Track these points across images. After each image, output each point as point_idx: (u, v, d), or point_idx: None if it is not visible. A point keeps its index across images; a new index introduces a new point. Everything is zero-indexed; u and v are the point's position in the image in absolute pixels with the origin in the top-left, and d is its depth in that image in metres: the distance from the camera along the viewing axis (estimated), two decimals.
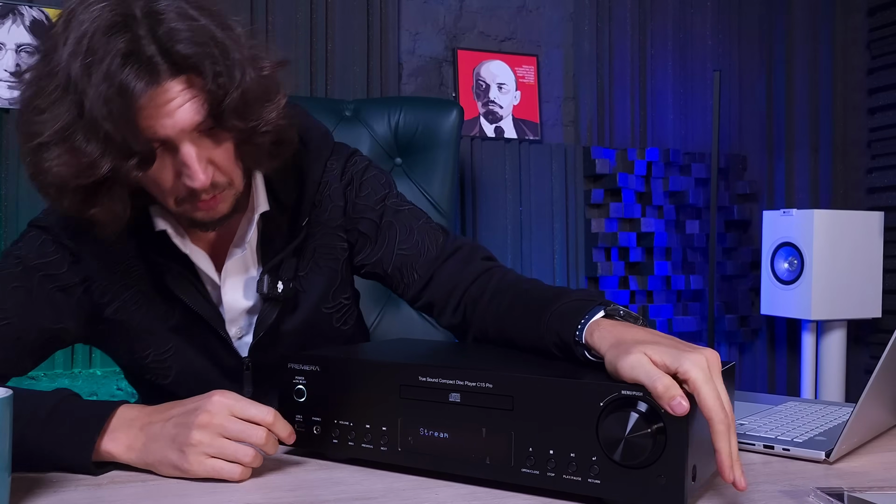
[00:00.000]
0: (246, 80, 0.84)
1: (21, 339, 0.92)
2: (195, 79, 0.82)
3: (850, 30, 2.97)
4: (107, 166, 0.81)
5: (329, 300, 1.07)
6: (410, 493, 0.73)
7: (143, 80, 0.78)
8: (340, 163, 1.06)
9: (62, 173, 0.81)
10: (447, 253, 1.03)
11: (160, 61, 0.79)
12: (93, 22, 0.78)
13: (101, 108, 0.78)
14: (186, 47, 0.79)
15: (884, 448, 0.94)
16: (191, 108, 0.82)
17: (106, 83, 0.77)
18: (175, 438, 0.75)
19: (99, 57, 0.77)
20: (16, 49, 2.03)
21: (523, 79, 2.63)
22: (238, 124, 0.85)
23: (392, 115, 1.93)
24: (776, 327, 2.97)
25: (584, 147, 2.70)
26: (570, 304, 0.83)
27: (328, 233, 1.05)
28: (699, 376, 0.65)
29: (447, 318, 1.03)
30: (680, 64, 2.85)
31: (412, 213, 1.07)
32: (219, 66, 0.81)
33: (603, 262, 2.68)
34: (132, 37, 0.78)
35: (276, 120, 0.89)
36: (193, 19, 0.81)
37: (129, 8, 0.80)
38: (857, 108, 2.98)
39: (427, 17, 2.53)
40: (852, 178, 2.98)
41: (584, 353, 0.78)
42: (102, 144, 0.80)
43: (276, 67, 0.91)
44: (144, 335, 0.99)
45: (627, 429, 0.66)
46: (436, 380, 0.76)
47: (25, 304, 0.92)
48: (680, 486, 0.65)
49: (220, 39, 0.82)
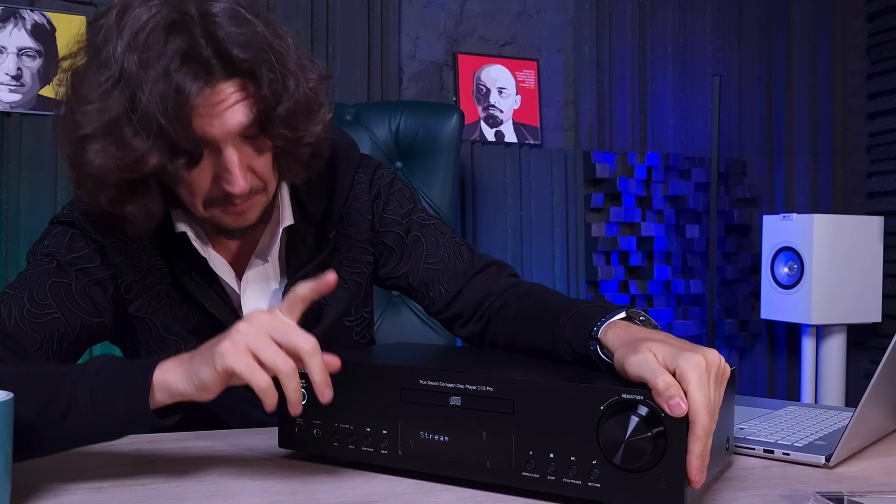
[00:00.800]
0: (298, 91, 0.84)
1: (67, 333, 0.92)
2: (248, 83, 0.82)
3: (850, 35, 2.98)
4: (154, 162, 0.81)
5: (352, 314, 1.07)
6: (411, 497, 0.73)
7: (199, 81, 0.79)
8: (368, 175, 1.06)
9: (107, 165, 0.81)
10: (475, 269, 1.05)
11: (216, 63, 0.79)
12: (151, 18, 0.78)
13: (158, 104, 0.78)
14: (243, 51, 0.80)
15: (884, 452, 0.94)
16: (240, 112, 0.82)
17: (164, 80, 0.77)
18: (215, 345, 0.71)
19: (156, 54, 0.78)
20: (17, 53, 2.04)
21: (524, 83, 2.63)
22: (285, 133, 0.85)
23: (393, 119, 1.93)
24: (776, 332, 2.97)
25: (584, 151, 2.71)
26: (591, 308, 0.84)
27: (355, 246, 1.05)
28: (693, 379, 0.65)
29: (469, 328, 1.04)
30: (680, 68, 2.86)
31: (437, 228, 1.08)
32: (273, 74, 0.82)
33: (603, 267, 2.68)
34: (190, 36, 0.79)
35: (320, 133, 0.90)
36: (249, 23, 0.82)
37: (186, 7, 0.80)
38: (856, 112, 2.99)
39: (428, 21, 2.54)
40: (852, 182, 2.99)
41: (597, 350, 0.79)
42: (153, 140, 0.80)
43: (321, 80, 0.91)
44: (166, 334, 0.99)
45: (628, 432, 0.66)
46: (436, 383, 0.76)
47: (68, 299, 0.92)
48: (680, 490, 0.65)
49: (276, 47, 0.83)
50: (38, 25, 2.05)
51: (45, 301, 0.90)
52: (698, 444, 0.65)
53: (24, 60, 2.04)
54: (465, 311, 1.04)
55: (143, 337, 0.99)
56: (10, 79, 2.02)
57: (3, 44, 2.02)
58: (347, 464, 0.82)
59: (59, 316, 0.90)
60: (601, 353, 0.79)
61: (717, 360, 0.69)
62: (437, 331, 1.82)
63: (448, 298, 1.04)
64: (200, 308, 0.97)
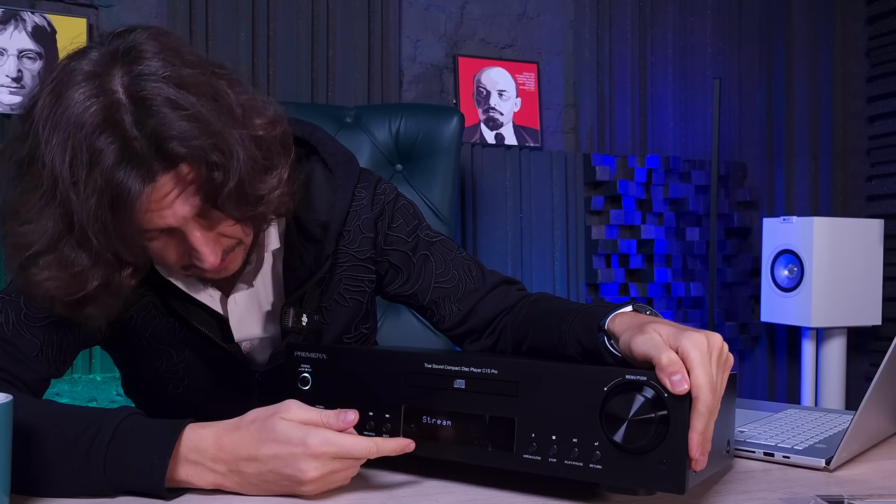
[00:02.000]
0: (241, 167, 0.77)
1: (67, 336, 0.90)
2: (190, 169, 0.76)
3: (850, 38, 2.98)
4: (97, 281, 0.78)
5: (351, 332, 1.05)
6: (411, 500, 0.73)
7: (137, 182, 0.73)
8: (370, 191, 1.03)
9: (50, 288, 0.77)
10: (488, 287, 1.04)
11: (152, 158, 0.74)
12: (76, 120, 0.73)
13: (93, 223, 0.74)
14: (178, 145, 0.74)
15: (884, 456, 0.93)
16: (187, 198, 0.78)
17: (96, 196, 0.73)
18: (285, 489, 0.73)
19: (86, 165, 0.73)
20: (17, 55, 2.04)
21: (524, 86, 2.63)
22: (235, 214, 0.81)
23: (393, 121, 1.93)
24: (776, 334, 2.97)
25: (584, 154, 2.71)
26: (599, 306, 0.85)
27: (356, 265, 1.03)
28: (696, 356, 0.67)
29: (480, 343, 1.04)
30: (680, 71, 2.86)
31: (444, 245, 1.06)
32: (212, 158, 0.76)
33: (603, 269, 2.68)
34: (120, 136, 0.73)
35: (279, 197, 0.84)
36: (181, 107, 0.75)
37: (112, 96, 0.74)
38: (856, 115, 2.99)
39: (428, 24, 2.54)
40: (852, 185, 2.98)
41: (605, 341, 0.80)
42: (94, 258, 0.76)
43: (271, 127, 0.84)
44: (157, 345, 0.97)
45: (632, 411, 0.66)
46: (441, 366, 0.77)
47: None
48: (682, 472, 0.65)
49: (213, 127, 0.76)
50: (39, 27, 2.05)
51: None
52: (700, 420, 0.65)
53: (25, 62, 2.04)
54: (478, 328, 1.04)
55: (137, 346, 0.98)
56: (10, 81, 2.02)
57: (4, 46, 2.02)
58: None
59: (58, 319, 0.89)
60: (608, 343, 0.80)
61: (719, 342, 0.71)
62: (438, 334, 1.82)
63: (460, 316, 1.04)
64: (187, 322, 0.95)
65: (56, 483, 0.73)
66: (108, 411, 0.76)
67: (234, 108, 0.80)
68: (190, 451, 0.73)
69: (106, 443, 0.72)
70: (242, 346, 1.00)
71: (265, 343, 1.02)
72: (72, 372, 2.00)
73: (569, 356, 0.86)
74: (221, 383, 1.01)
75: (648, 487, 0.68)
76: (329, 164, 1.00)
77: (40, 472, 0.72)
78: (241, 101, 0.82)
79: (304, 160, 1.00)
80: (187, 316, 0.94)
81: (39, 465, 0.72)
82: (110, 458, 0.72)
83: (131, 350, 0.99)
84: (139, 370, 1.02)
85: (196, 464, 0.73)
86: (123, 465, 0.72)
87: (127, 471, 0.71)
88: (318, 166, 1.00)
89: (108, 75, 0.75)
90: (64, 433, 0.73)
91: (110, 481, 0.72)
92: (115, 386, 1.98)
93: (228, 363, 0.99)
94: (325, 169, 1.00)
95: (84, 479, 0.72)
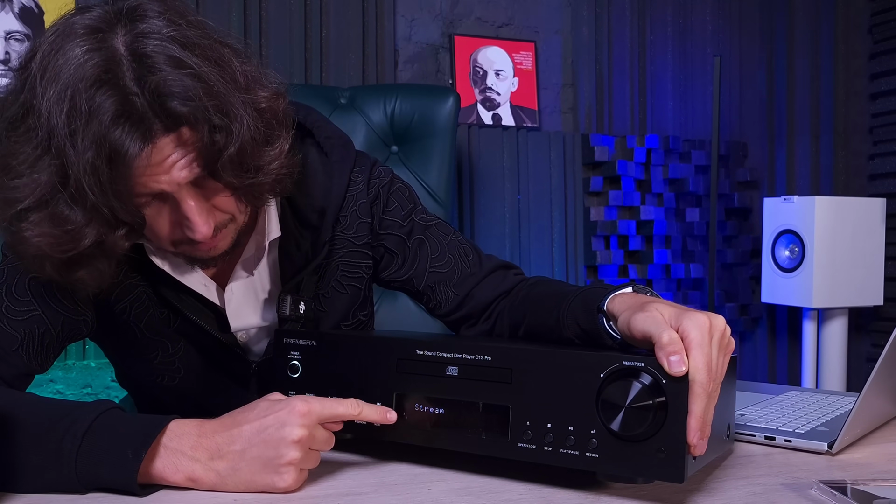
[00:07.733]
0: (244, 132, 0.76)
1: (49, 331, 0.87)
2: (190, 133, 0.75)
3: (852, 14, 2.94)
4: (91, 239, 0.75)
5: (349, 319, 1.04)
6: (402, 488, 0.72)
7: (136, 142, 0.71)
8: (365, 175, 1.01)
9: (42, 245, 0.75)
10: (485, 272, 1.03)
11: (152, 118, 0.72)
12: (78, 68, 0.71)
13: (89, 176, 0.71)
14: (180, 104, 0.72)
15: (887, 439, 0.92)
16: (187, 164, 0.76)
17: (93, 149, 0.70)
18: (270, 461, 0.70)
19: (84, 117, 0.70)
20: (4, 37, 2.01)
21: (521, 65, 2.60)
22: (237, 176, 0.79)
23: (388, 102, 1.91)
24: (777, 315, 2.95)
25: (582, 134, 2.68)
26: (598, 288, 0.84)
27: (353, 251, 1.01)
28: (696, 337, 0.66)
29: (477, 328, 1.03)
30: (680, 50, 2.83)
31: (440, 228, 1.04)
32: (214, 120, 0.74)
33: (602, 251, 2.66)
34: (120, 91, 0.71)
35: (278, 169, 0.83)
36: (185, 66, 0.73)
37: (113, 52, 0.72)
38: (858, 93, 2.95)
39: (423, 3, 2.50)
40: (854, 164, 2.96)
41: (603, 323, 0.79)
42: (88, 213, 0.74)
43: (274, 100, 0.82)
44: (152, 336, 0.95)
45: (629, 398, 0.65)
46: (433, 353, 0.75)
47: (48, 296, 0.87)
48: (680, 460, 0.64)
49: (216, 89, 0.74)
50: (26, 9, 2.02)
51: (25, 297, 0.86)
52: (698, 403, 0.64)
53: (12, 44, 2.01)
54: (475, 313, 1.02)
55: (130, 338, 0.95)
56: None
57: None
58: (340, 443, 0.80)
59: (40, 313, 0.86)
60: (607, 325, 0.78)
61: (722, 324, 0.69)
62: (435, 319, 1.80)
63: (456, 301, 1.02)
64: (182, 312, 0.93)
65: (24, 477, 0.70)
66: (86, 404, 0.73)
67: (237, 76, 0.79)
68: (170, 439, 0.71)
69: (81, 434, 0.69)
70: (239, 336, 0.98)
71: (262, 332, 1.00)
72: (65, 358, 1.99)
73: (566, 339, 0.84)
74: (218, 374, 0.99)
75: (646, 476, 0.67)
76: (325, 148, 0.98)
77: (8, 464, 0.69)
78: (245, 70, 0.81)
79: (299, 143, 0.96)
80: (180, 306, 0.92)
81: (7, 456, 0.70)
82: (84, 449, 0.69)
83: (125, 342, 0.96)
84: (133, 363, 0.99)
85: (174, 451, 0.70)
86: (95, 459, 0.69)
87: (97, 465, 0.69)
88: (312, 150, 0.97)
89: (111, 31, 0.74)
90: (38, 423, 0.71)
91: (80, 475, 0.69)
92: (110, 372, 1.97)
93: (225, 353, 0.97)
94: (320, 153, 0.98)
95: (52, 473, 0.69)
